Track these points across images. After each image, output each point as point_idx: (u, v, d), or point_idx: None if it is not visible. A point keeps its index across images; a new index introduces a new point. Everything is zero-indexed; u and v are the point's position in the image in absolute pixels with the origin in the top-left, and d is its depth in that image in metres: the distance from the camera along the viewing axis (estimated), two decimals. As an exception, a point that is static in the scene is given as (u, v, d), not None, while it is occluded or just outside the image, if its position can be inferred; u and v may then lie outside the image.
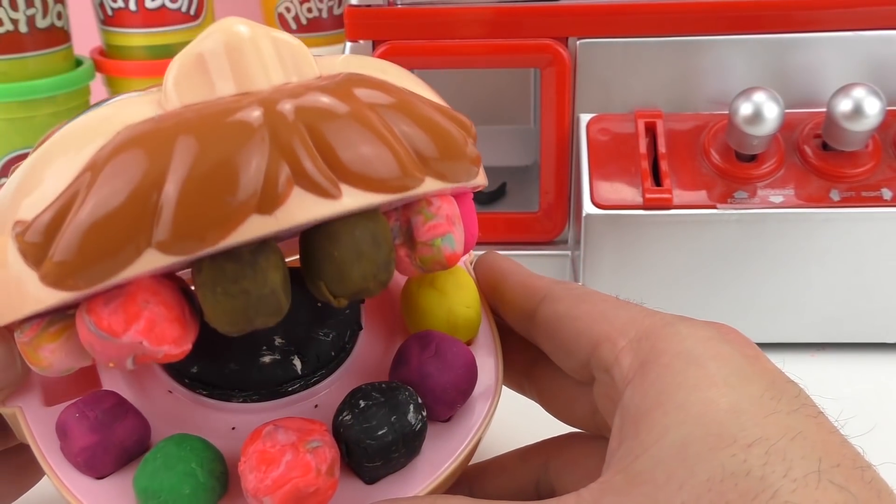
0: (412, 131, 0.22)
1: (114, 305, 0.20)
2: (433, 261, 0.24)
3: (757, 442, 0.19)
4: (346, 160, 0.20)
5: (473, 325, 0.28)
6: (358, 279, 0.21)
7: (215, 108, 0.20)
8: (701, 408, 0.20)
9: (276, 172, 0.19)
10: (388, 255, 0.22)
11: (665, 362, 0.22)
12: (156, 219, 0.19)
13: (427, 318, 0.27)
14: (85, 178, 0.19)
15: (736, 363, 0.22)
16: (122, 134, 0.20)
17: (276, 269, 0.20)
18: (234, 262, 0.20)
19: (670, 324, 0.24)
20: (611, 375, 0.24)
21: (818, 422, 0.20)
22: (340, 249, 0.21)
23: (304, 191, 0.20)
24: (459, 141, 0.23)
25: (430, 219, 0.23)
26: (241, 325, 0.20)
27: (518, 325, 0.28)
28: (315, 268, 0.21)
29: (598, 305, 0.26)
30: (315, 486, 0.21)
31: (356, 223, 0.21)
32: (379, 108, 0.21)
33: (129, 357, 0.20)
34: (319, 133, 0.20)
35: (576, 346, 0.25)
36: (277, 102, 0.20)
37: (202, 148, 0.19)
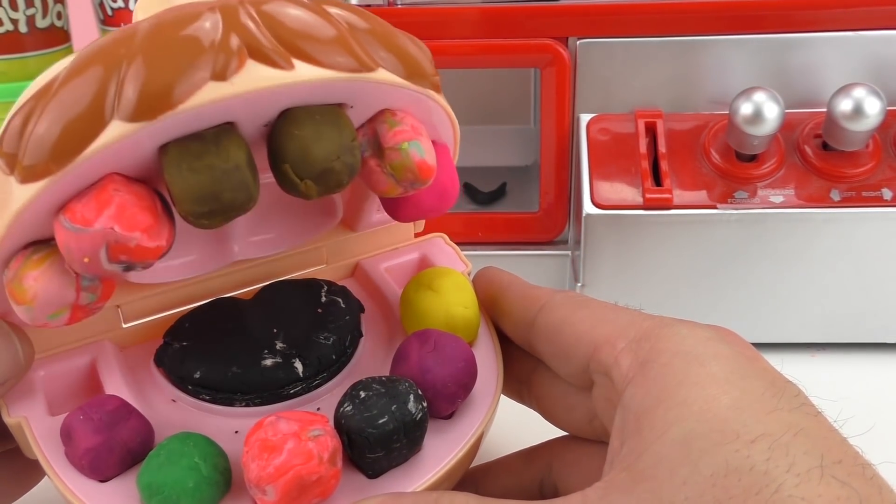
0: (374, 43, 0.23)
1: (86, 198, 0.21)
2: (403, 167, 0.24)
3: (760, 438, 0.19)
4: (300, 43, 0.21)
5: (472, 326, 0.28)
6: (321, 158, 0.22)
7: (175, 11, 0.21)
8: (703, 404, 0.21)
9: (228, 42, 0.20)
10: (351, 139, 0.23)
11: (665, 361, 0.22)
12: (118, 92, 0.20)
13: (426, 320, 0.27)
14: (53, 82, 0.21)
15: (736, 362, 0.22)
16: (94, 42, 0.21)
17: (239, 149, 0.21)
18: (198, 141, 0.21)
19: (669, 325, 0.24)
20: (610, 377, 0.24)
21: (818, 420, 0.21)
22: (301, 128, 0.22)
23: (257, 62, 0.21)
24: (422, 61, 0.24)
25: (394, 125, 0.24)
26: (209, 203, 0.21)
27: (518, 335, 0.28)
28: (280, 153, 0.22)
29: (596, 311, 0.26)
30: (317, 473, 0.21)
31: (317, 108, 0.22)
32: (345, 21, 0.23)
33: (102, 247, 0.21)
34: (276, 25, 0.21)
35: (574, 351, 0.25)
36: (238, 4, 0.21)
37: (159, 28, 0.20)
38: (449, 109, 0.26)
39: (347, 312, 0.28)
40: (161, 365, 0.27)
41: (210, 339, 0.27)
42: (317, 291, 0.29)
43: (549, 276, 0.45)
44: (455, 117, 0.27)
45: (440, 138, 0.27)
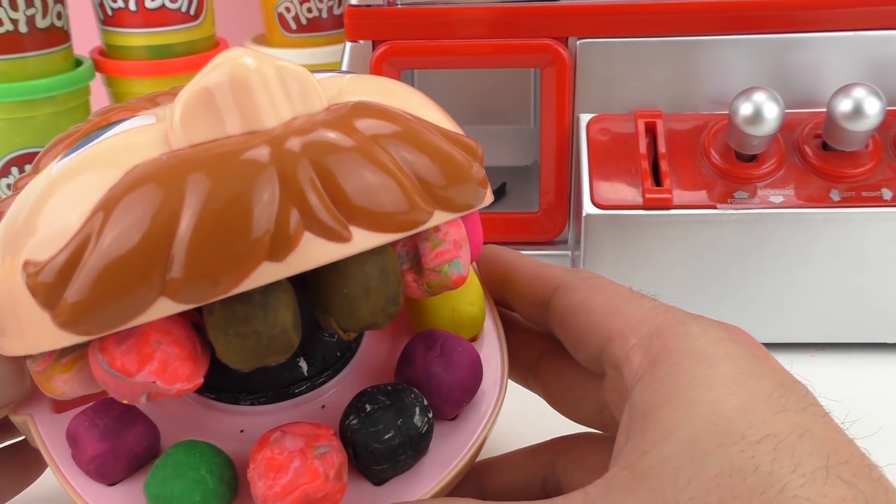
0: (417, 159, 0.22)
1: (126, 346, 0.20)
2: (440, 285, 0.24)
3: (765, 438, 0.19)
4: (354, 200, 0.20)
5: (478, 322, 0.28)
6: (367, 314, 0.21)
7: (224, 148, 0.20)
8: (710, 405, 0.21)
9: (286, 217, 0.19)
10: (397, 287, 0.22)
11: (675, 361, 0.22)
12: (168, 264, 0.19)
13: (431, 317, 0.27)
14: (97, 219, 0.19)
15: (745, 363, 0.22)
16: (132, 174, 0.20)
17: (287, 309, 0.20)
18: (245, 304, 0.20)
19: (682, 322, 0.24)
20: (621, 372, 0.24)
21: (825, 421, 0.21)
22: (350, 286, 0.21)
23: (314, 235, 0.20)
24: (465, 166, 0.23)
25: (437, 245, 0.23)
26: (252, 364, 0.21)
27: (531, 316, 0.28)
28: (325, 302, 0.21)
29: (611, 299, 0.25)
30: (324, 491, 0.21)
31: (365, 259, 0.21)
32: (383, 139, 0.21)
33: (142, 394, 0.21)
34: (328, 172, 0.20)
35: (589, 339, 0.25)
36: (285, 140, 0.20)
37: (213, 189, 0.19)
38: (490, 195, 0.25)
39: None
40: None
41: None
42: None
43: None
44: (491, 194, 0.26)
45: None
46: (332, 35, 0.62)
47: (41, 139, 0.52)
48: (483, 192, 0.24)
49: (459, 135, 0.24)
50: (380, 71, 0.42)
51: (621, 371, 0.24)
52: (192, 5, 0.56)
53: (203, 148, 0.20)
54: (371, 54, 0.42)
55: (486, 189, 0.24)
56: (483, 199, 0.24)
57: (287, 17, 0.61)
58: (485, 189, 0.24)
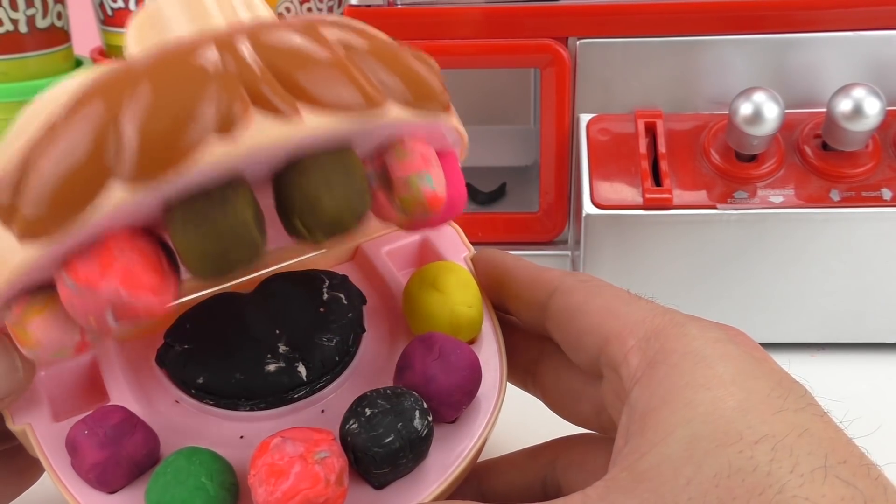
0: (377, 66, 0.22)
1: (89, 258, 0.20)
2: (413, 201, 0.23)
3: (764, 439, 0.19)
4: (303, 82, 0.20)
5: (476, 324, 0.28)
6: (330, 209, 0.21)
7: (171, 47, 0.20)
8: (708, 406, 0.21)
9: (232, 96, 0.19)
10: (361, 184, 0.22)
11: (673, 362, 0.22)
12: (117, 152, 0.19)
13: (429, 319, 0.27)
14: (47, 132, 0.20)
15: (744, 363, 0.22)
16: (80, 86, 0.20)
17: (247, 204, 0.20)
18: (203, 199, 0.20)
19: (680, 324, 0.24)
20: (619, 374, 0.24)
21: (824, 420, 0.21)
22: (309, 178, 0.21)
23: (262, 114, 0.19)
24: (430, 81, 0.23)
25: (403, 156, 0.23)
26: (217, 263, 0.20)
27: (529, 319, 0.28)
28: (287, 204, 0.21)
29: (609, 301, 0.25)
30: (325, 496, 0.21)
31: (325, 155, 0.21)
32: (343, 44, 0.21)
33: (107, 310, 0.20)
34: (275, 59, 0.20)
35: (586, 342, 0.25)
36: (233, 37, 0.20)
37: (158, 78, 0.19)
38: (460, 126, 0.26)
39: (350, 309, 0.28)
40: (163, 366, 0.27)
41: (212, 342, 0.27)
42: (318, 287, 0.29)
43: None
44: (464, 130, 0.26)
45: (447, 147, 0.27)
46: (332, 35, 0.62)
47: (41, 139, 0.52)
48: (444, 103, 0.24)
49: (419, 51, 0.24)
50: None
51: (619, 373, 0.24)
52: (192, 5, 0.56)
53: (151, 50, 0.20)
54: (371, 54, 0.42)
55: (447, 106, 0.24)
56: (449, 118, 0.24)
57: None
58: (446, 102, 0.24)
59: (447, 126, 0.25)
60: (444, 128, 0.25)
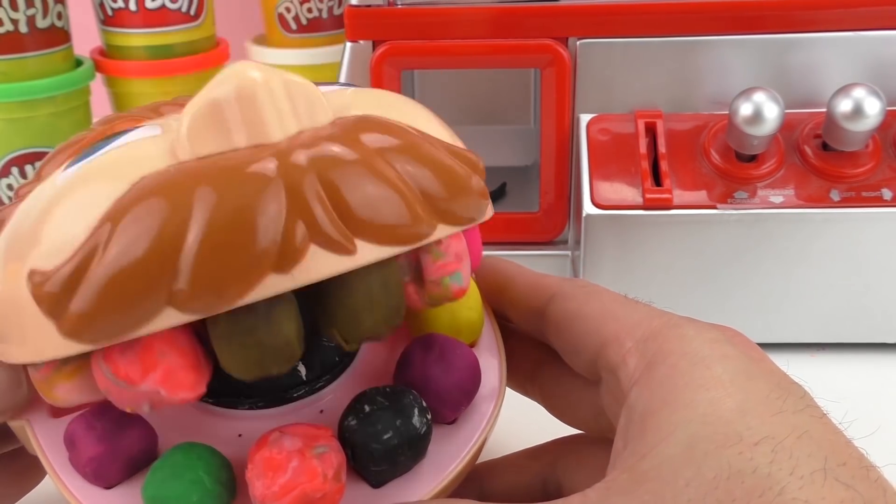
0: (419, 173, 0.22)
1: (130, 355, 0.20)
2: (441, 297, 0.24)
3: (763, 440, 0.19)
4: (359, 214, 0.20)
5: (476, 327, 0.28)
6: (370, 326, 0.22)
7: (231, 161, 0.20)
8: (707, 407, 0.21)
9: (292, 230, 0.19)
10: (399, 299, 0.22)
11: (671, 363, 0.22)
12: (175, 276, 0.19)
13: (430, 322, 0.27)
14: (104, 230, 0.19)
15: (742, 364, 0.22)
16: (140, 185, 0.20)
17: (290, 321, 0.21)
18: (250, 316, 0.20)
19: (677, 325, 0.24)
20: (617, 376, 0.24)
21: (823, 422, 0.21)
22: (353, 298, 0.21)
23: (320, 248, 0.20)
24: (466, 179, 0.23)
25: (439, 258, 0.23)
26: (255, 374, 0.21)
27: (528, 325, 0.28)
28: (329, 314, 0.22)
29: (607, 305, 0.26)
30: (322, 491, 0.21)
31: (369, 272, 0.21)
32: (387, 153, 0.22)
33: (145, 403, 0.21)
34: (333, 186, 0.20)
35: (584, 345, 0.25)
36: (291, 154, 0.20)
37: (220, 202, 0.19)
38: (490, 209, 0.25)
39: None
40: None
41: None
42: None
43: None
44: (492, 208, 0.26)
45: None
46: (332, 35, 0.62)
47: (41, 140, 0.52)
48: (484, 204, 0.24)
49: (461, 148, 0.25)
50: (380, 71, 0.42)
51: (617, 375, 0.24)
52: (192, 5, 0.56)
53: (210, 161, 0.20)
54: (371, 54, 0.42)
55: (487, 202, 0.25)
56: (484, 213, 0.24)
57: (287, 18, 0.61)
58: (486, 202, 0.25)
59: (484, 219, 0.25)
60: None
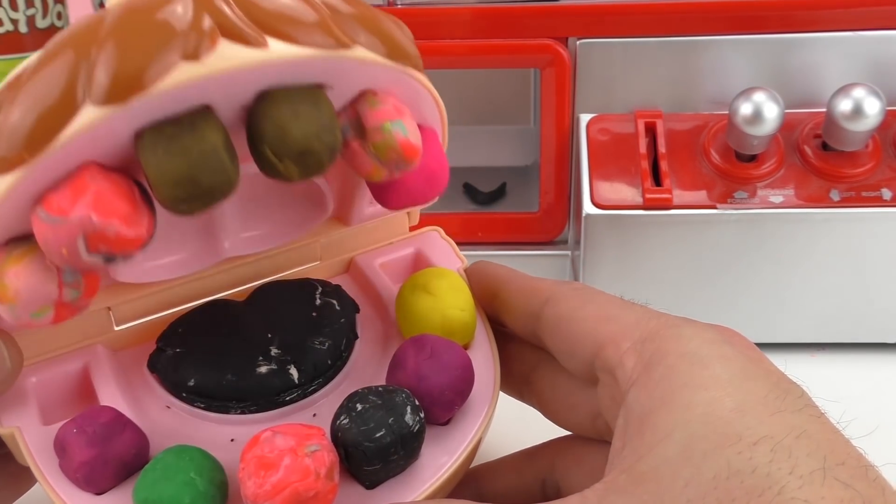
0: (355, 25, 0.22)
1: (62, 188, 0.20)
2: (386, 146, 0.24)
3: (762, 440, 0.19)
4: (273, 18, 0.21)
5: (469, 329, 0.28)
6: (299, 137, 0.22)
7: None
8: (706, 407, 0.21)
9: (200, 23, 0.20)
10: (330, 119, 0.22)
11: (670, 363, 0.22)
12: (89, 76, 0.19)
13: (421, 323, 0.27)
14: (24, 71, 0.21)
15: (740, 364, 0.22)
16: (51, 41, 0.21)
17: (216, 131, 0.21)
18: (174, 124, 0.20)
19: (674, 325, 0.24)
20: (614, 377, 0.24)
21: (822, 421, 0.21)
22: (277, 108, 0.21)
23: (229, 41, 0.20)
24: (405, 43, 0.24)
25: (375, 105, 0.24)
26: (187, 187, 0.21)
27: (523, 329, 0.28)
28: (257, 133, 0.22)
29: (603, 307, 0.26)
30: (314, 489, 0.21)
31: (294, 89, 0.22)
32: (327, 5, 0.22)
33: (79, 237, 0.20)
34: (250, 5, 0.21)
35: (580, 348, 0.25)
36: None
37: (129, 12, 0.20)
38: (433, 90, 0.26)
39: (342, 315, 0.28)
40: (155, 371, 0.27)
41: (204, 345, 0.27)
42: (311, 293, 0.29)
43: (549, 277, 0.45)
44: (440, 99, 0.26)
45: (427, 122, 0.27)
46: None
47: (41, 139, 0.52)
48: (417, 64, 0.25)
49: (400, 22, 0.25)
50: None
51: (615, 375, 0.24)
52: (192, 5, 0.56)
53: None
54: (371, 54, 0.42)
55: (420, 66, 0.25)
56: (418, 68, 0.25)
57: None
58: (419, 65, 0.25)
59: (420, 86, 0.25)
60: (417, 87, 0.25)
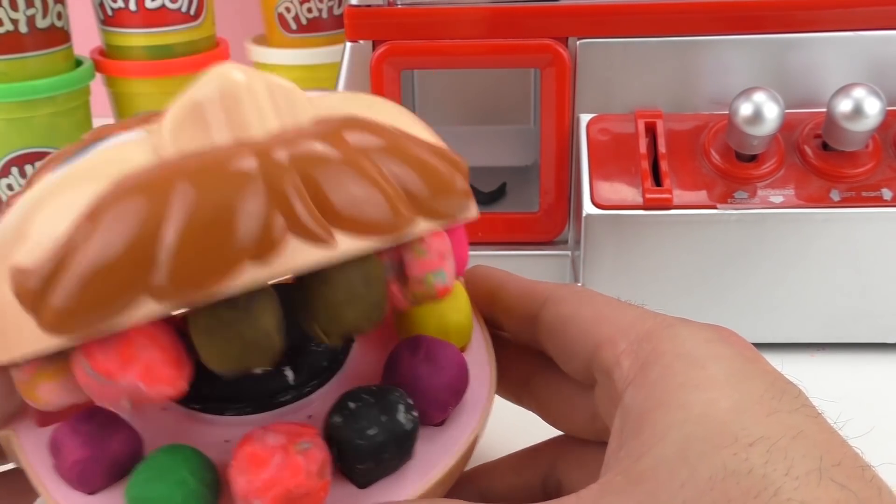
0: (402, 171, 0.22)
1: (110, 350, 0.20)
2: (425, 295, 0.24)
3: (759, 441, 0.19)
4: (338, 206, 0.21)
5: (465, 331, 0.28)
6: (351, 320, 0.22)
7: (212, 157, 0.20)
8: (703, 407, 0.21)
9: (271, 220, 0.20)
10: (381, 294, 0.23)
11: (666, 363, 0.22)
12: (153, 268, 0.19)
13: (418, 326, 0.27)
14: (85, 227, 0.20)
15: (737, 364, 0.22)
16: (120, 183, 0.20)
17: (270, 314, 0.21)
18: (229, 309, 0.20)
19: (671, 325, 0.24)
20: (611, 378, 0.24)
21: (818, 421, 0.21)
22: (334, 292, 0.21)
23: (298, 238, 0.20)
24: (448, 177, 0.24)
25: (421, 255, 0.24)
26: (235, 367, 0.21)
27: (521, 331, 0.28)
28: (309, 309, 0.22)
29: (600, 308, 0.26)
30: (306, 487, 0.21)
31: (349, 266, 0.21)
32: (370, 152, 0.22)
33: (125, 398, 0.21)
34: (313, 180, 0.20)
35: (578, 349, 0.25)
36: (272, 151, 0.20)
37: (199, 197, 0.19)
38: (474, 208, 0.25)
39: None
40: None
41: None
42: None
43: (549, 277, 0.45)
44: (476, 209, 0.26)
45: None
46: (332, 35, 0.62)
47: (41, 139, 0.52)
48: (466, 203, 0.25)
49: (445, 149, 0.25)
50: (380, 71, 0.42)
51: (612, 376, 0.24)
52: (192, 5, 0.56)
53: (190, 157, 0.21)
54: (371, 54, 0.42)
55: (469, 201, 0.25)
56: (467, 211, 0.25)
57: (287, 17, 0.61)
58: (469, 200, 0.25)
59: (466, 218, 0.25)
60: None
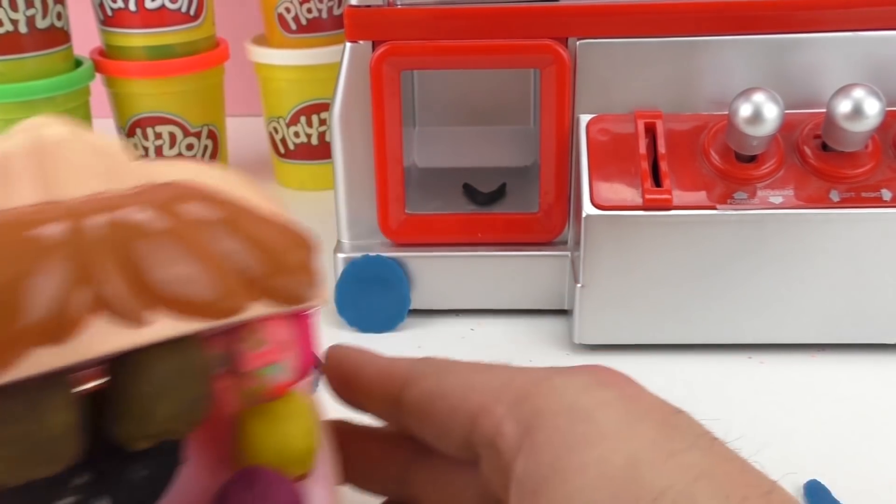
0: (238, 247, 0.20)
1: None
2: (259, 393, 0.21)
3: (662, 494, 0.19)
4: (158, 283, 0.18)
5: (309, 457, 0.24)
6: (161, 420, 0.19)
7: (11, 218, 0.18)
8: (597, 469, 0.20)
9: (69, 297, 0.17)
10: (201, 390, 0.19)
11: (550, 423, 0.21)
12: None
13: (255, 447, 0.24)
14: None
15: (622, 408, 0.21)
16: None
17: (62, 410, 0.17)
18: (12, 401, 0.17)
19: (545, 378, 0.23)
20: (497, 449, 0.22)
21: (715, 452, 0.20)
22: (142, 382, 0.18)
23: (104, 318, 0.17)
24: (293, 255, 0.21)
25: (257, 345, 0.21)
26: (19, 476, 0.18)
27: (387, 417, 0.26)
28: (115, 408, 0.18)
29: (465, 376, 0.24)
30: None
31: (162, 353, 0.18)
32: (202, 224, 0.19)
33: None
34: (130, 252, 0.18)
35: (451, 425, 0.24)
36: (87, 216, 0.18)
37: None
38: (323, 291, 0.23)
39: None
40: None
41: None
42: None
43: (549, 277, 0.45)
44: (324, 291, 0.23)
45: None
46: (332, 35, 0.62)
47: (41, 139, 0.52)
48: (309, 284, 0.22)
49: (289, 224, 0.22)
50: (379, 71, 0.42)
51: (497, 447, 0.22)
52: (192, 5, 0.56)
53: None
54: (371, 54, 0.42)
55: (312, 281, 0.22)
56: (310, 296, 0.22)
57: (287, 18, 0.61)
58: (310, 280, 0.22)
59: (310, 305, 0.22)
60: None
